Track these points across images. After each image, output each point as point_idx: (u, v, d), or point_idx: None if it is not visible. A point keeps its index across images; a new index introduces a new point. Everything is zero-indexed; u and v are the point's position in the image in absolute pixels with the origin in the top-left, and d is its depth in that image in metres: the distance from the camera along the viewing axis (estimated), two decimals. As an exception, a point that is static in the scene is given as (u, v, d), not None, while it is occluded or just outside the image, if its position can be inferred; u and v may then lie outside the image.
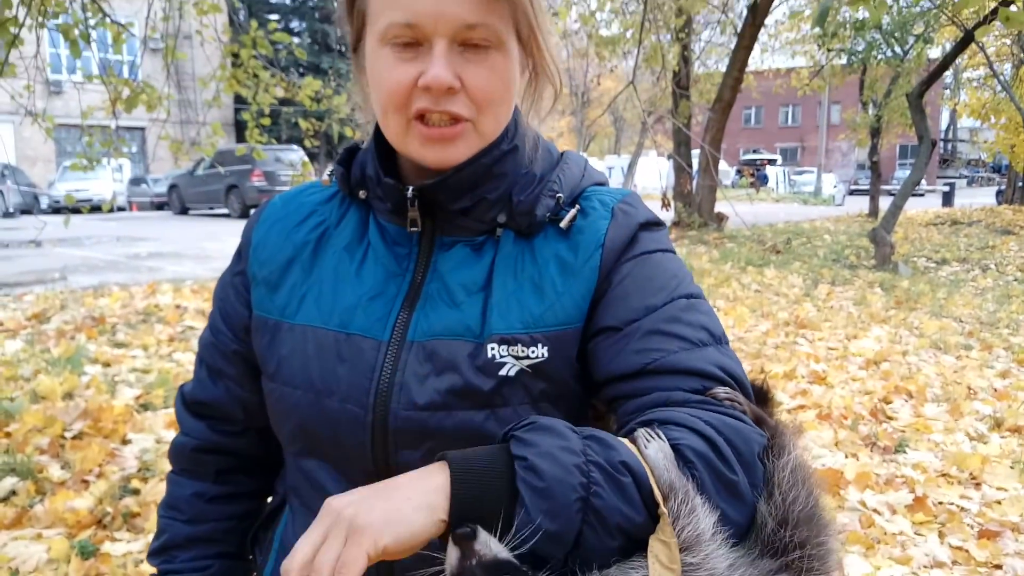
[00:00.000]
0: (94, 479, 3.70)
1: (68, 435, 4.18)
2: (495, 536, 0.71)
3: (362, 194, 1.02)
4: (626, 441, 0.78)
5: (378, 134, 0.99)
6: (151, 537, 1.13)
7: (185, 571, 1.11)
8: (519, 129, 1.00)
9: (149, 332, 6.64)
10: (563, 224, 0.97)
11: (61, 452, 3.98)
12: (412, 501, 0.71)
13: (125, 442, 4.16)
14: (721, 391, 0.88)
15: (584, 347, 0.95)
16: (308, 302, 1.00)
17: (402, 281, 0.97)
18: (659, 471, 0.76)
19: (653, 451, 0.77)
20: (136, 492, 3.59)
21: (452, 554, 0.71)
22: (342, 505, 0.71)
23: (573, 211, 0.98)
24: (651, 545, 0.73)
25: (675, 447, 0.78)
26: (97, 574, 2.96)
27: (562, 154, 1.06)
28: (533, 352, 0.91)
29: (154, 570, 1.13)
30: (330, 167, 1.09)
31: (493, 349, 0.91)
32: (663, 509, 0.73)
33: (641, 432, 0.80)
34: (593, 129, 44.77)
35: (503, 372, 0.91)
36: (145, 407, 4.73)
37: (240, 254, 1.10)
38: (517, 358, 0.91)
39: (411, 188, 0.95)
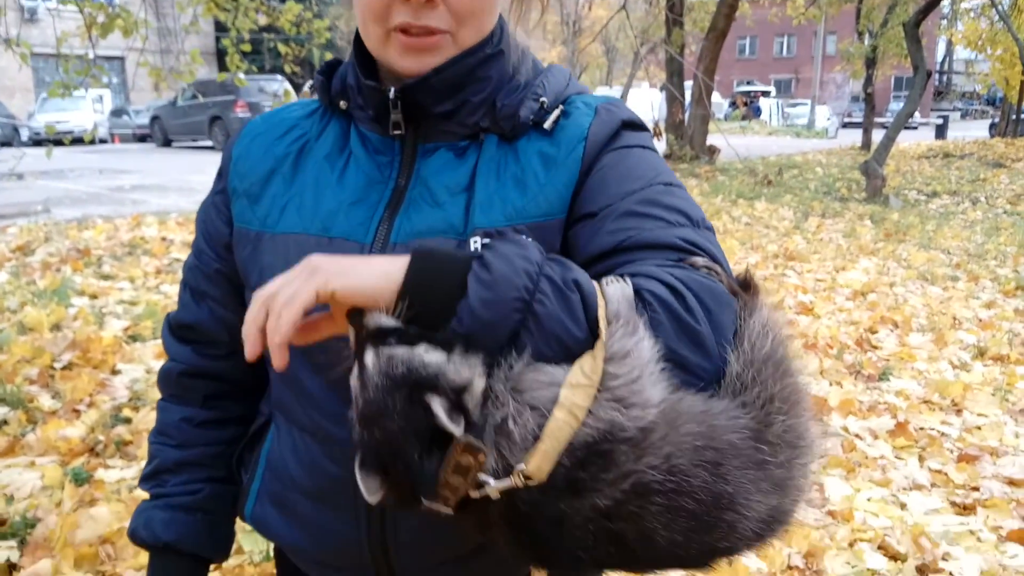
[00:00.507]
0: (85, 408, 3.72)
1: (57, 366, 4.18)
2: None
3: (343, 104, 1.01)
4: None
5: (359, 43, 0.98)
6: (144, 464, 1.13)
7: (175, 494, 1.12)
8: (505, 37, 0.99)
9: (135, 264, 6.60)
10: (547, 125, 0.97)
11: (51, 382, 3.99)
12: (372, 266, 0.75)
13: (115, 372, 4.17)
14: (700, 260, 0.87)
15: (565, 236, 0.95)
16: (289, 211, 0.99)
17: (384, 188, 0.97)
18: (611, 302, 0.77)
19: (612, 289, 0.78)
20: (128, 421, 3.61)
21: (351, 336, 0.77)
22: (316, 257, 0.76)
23: (556, 112, 0.98)
24: (580, 358, 0.74)
25: (636, 291, 0.79)
26: (91, 499, 3.00)
27: (548, 66, 1.06)
28: None
29: (147, 495, 1.14)
30: (311, 82, 1.08)
31: (476, 243, 0.91)
32: (602, 329, 0.74)
33: (608, 277, 0.80)
34: (584, 59, 43.97)
35: None
36: (134, 338, 4.73)
37: (221, 173, 1.09)
38: None
39: (393, 89, 0.94)
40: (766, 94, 48.07)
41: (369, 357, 0.75)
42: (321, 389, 0.97)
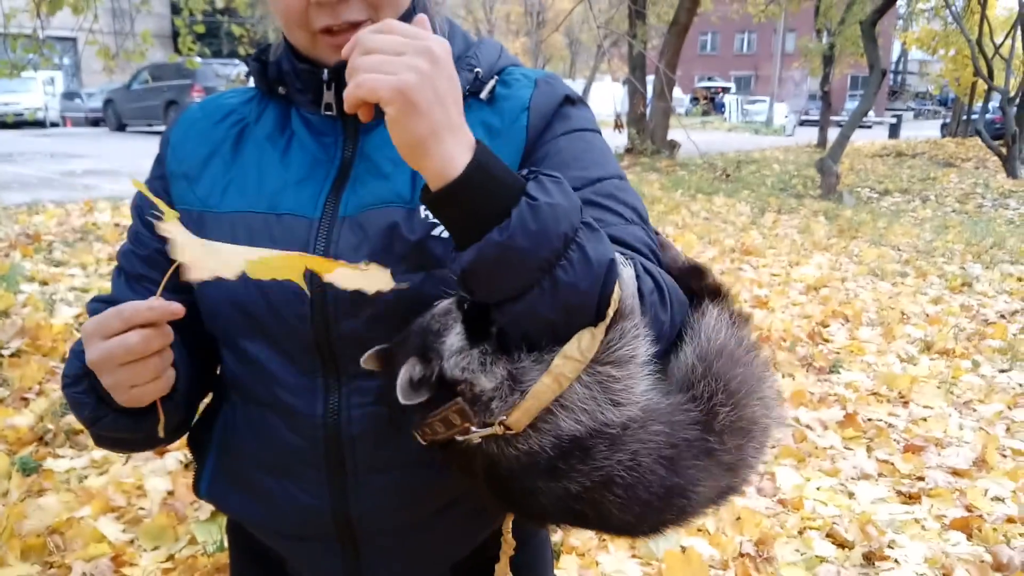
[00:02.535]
0: (34, 397, 3.63)
1: (6, 353, 4.07)
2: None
3: (281, 90, 1.02)
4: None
5: None
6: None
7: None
8: (427, 7, 1.00)
9: (87, 251, 6.44)
10: (483, 95, 0.99)
11: (-2, 370, 3.89)
12: (447, 142, 0.76)
13: (65, 360, 4.07)
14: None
15: None
16: (232, 191, 0.99)
17: (330, 166, 0.98)
18: (625, 288, 0.81)
19: (628, 273, 0.82)
20: (78, 410, 3.53)
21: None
22: (435, 50, 0.76)
23: (492, 82, 1.00)
24: (579, 332, 0.78)
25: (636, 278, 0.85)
26: (40, 489, 2.93)
27: (479, 39, 1.08)
28: None
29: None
30: (246, 69, 1.09)
31: (426, 210, 0.92)
32: (609, 313, 0.78)
33: (619, 257, 0.84)
34: (548, 51, 43.98)
35: (436, 232, 0.92)
36: (85, 326, 4.62)
37: (159, 159, 1.08)
38: None
39: (326, 70, 0.96)
40: (726, 90, 48.64)
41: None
42: (277, 363, 0.97)
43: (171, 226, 0.78)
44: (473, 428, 0.79)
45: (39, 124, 23.43)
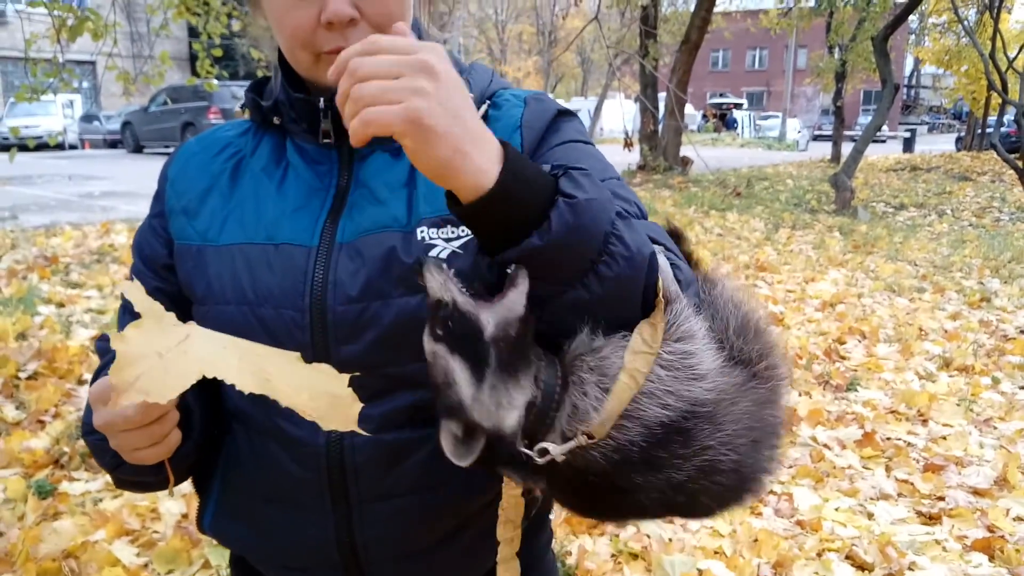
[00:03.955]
0: (50, 419, 3.65)
1: (22, 376, 4.11)
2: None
3: (276, 120, 1.03)
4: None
5: (284, 59, 1.01)
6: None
7: None
8: (423, 36, 1.01)
9: (104, 272, 6.50)
10: None
11: (15, 393, 3.92)
12: (473, 154, 0.73)
13: (81, 382, 4.10)
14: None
15: None
16: (231, 224, 1.00)
17: (326, 195, 0.99)
18: (665, 275, 0.82)
19: (663, 260, 0.83)
20: (93, 432, 3.55)
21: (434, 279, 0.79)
22: (432, 64, 0.72)
23: (484, 106, 1.01)
24: (639, 326, 0.79)
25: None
26: (55, 512, 2.94)
27: (471, 64, 1.09)
28: (463, 231, 0.93)
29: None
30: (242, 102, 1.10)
31: (423, 232, 0.93)
32: (660, 299, 0.79)
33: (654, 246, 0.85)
34: (560, 70, 44.17)
35: (434, 254, 0.93)
36: (101, 348, 4.65)
37: (158, 195, 1.10)
38: (447, 240, 0.93)
39: (322, 100, 0.97)
40: (738, 106, 48.64)
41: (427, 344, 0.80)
42: None
43: (129, 333, 0.70)
44: (551, 447, 0.77)
45: (58, 147, 23.74)
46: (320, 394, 0.71)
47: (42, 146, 22.29)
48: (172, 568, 2.67)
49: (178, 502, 3.02)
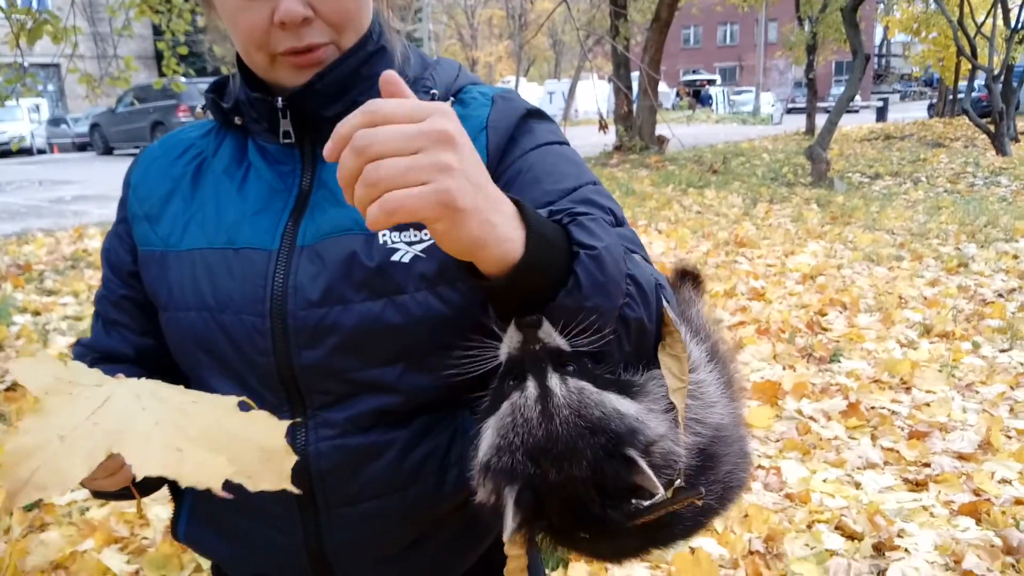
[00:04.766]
0: (31, 430, 3.60)
1: (1, 387, 4.05)
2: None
3: (238, 120, 1.01)
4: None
5: (242, 59, 0.98)
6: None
7: None
8: (384, 32, 0.99)
9: (79, 278, 6.41)
10: None
11: (-6, 405, 3.86)
12: (498, 227, 0.68)
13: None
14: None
15: None
16: (192, 228, 0.99)
17: (288, 196, 0.97)
18: (671, 302, 0.83)
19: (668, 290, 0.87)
20: (76, 441, 3.50)
21: (514, 338, 0.73)
22: (459, 154, 0.65)
23: (448, 103, 0.97)
24: (662, 360, 0.79)
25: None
26: (42, 524, 2.91)
27: (437, 59, 1.07)
28: (425, 235, 0.91)
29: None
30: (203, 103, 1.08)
31: (385, 236, 0.91)
32: (673, 329, 0.79)
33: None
34: (532, 53, 44.02)
35: (396, 258, 0.90)
36: (80, 355, 4.60)
37: (122, 202, 1.08)
38: (410, 243, 0.91)
39: (280, 99, 0.95)
40: (711, 82, 48.70)
41: (555, 384, 0.71)
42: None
43: (25, 424, 0.61)
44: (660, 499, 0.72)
45: (27, 152, 23.37)
46: (248, 450, 0.63)
47: (7, 152, 22.02)
48: (163, 573, 2.65)
49: (166, 507, 2.99)
